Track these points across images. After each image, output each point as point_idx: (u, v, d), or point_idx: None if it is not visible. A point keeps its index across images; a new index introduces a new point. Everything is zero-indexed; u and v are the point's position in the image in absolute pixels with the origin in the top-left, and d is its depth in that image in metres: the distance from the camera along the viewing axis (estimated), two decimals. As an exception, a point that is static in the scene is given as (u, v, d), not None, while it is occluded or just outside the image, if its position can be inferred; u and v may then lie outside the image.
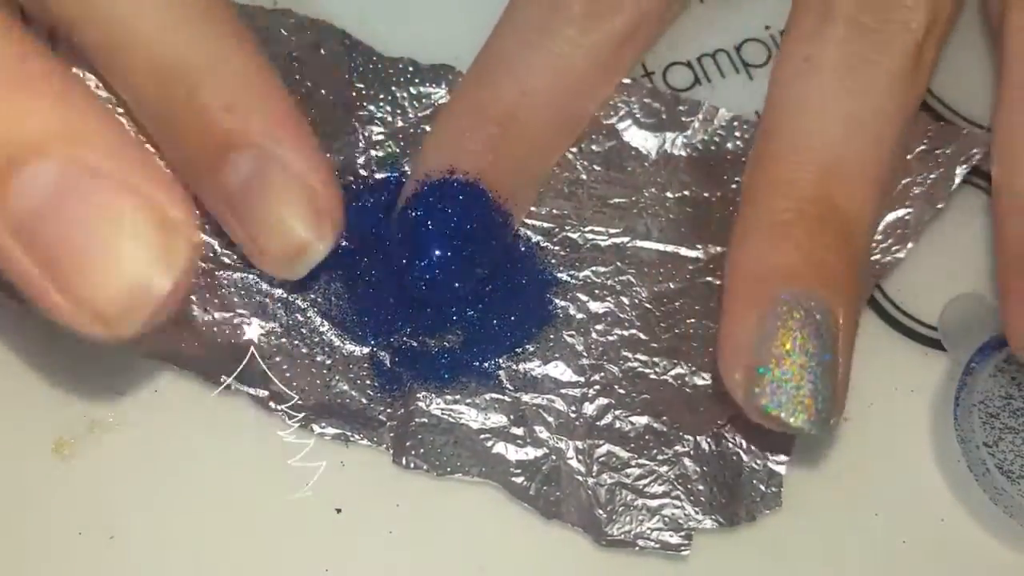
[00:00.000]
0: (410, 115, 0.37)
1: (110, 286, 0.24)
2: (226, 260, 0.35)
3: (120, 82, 0.33)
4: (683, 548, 0.34)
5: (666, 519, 0.34)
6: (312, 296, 0.35)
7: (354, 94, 0.37)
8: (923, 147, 0.37)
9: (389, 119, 0.37)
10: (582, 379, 0.35)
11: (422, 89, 0.37)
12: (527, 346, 0.35)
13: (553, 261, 0.36)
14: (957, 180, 0.36)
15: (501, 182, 0.34)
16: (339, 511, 0.34)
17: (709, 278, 0.36)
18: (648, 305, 0.36)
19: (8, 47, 0.25)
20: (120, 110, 0.34)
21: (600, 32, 0.35)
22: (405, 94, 0.37)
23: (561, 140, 0.37)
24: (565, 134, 0.37)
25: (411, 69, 0.38)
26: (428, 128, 0.37)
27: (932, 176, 0.36)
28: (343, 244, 0.35)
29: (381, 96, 0.37)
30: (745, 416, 0.32)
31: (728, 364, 0.31)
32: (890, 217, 0.36)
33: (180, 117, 0.31)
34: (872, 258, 0.36)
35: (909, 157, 0.37)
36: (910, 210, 0.36)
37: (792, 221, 0.33)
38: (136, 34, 0.31)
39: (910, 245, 0.36)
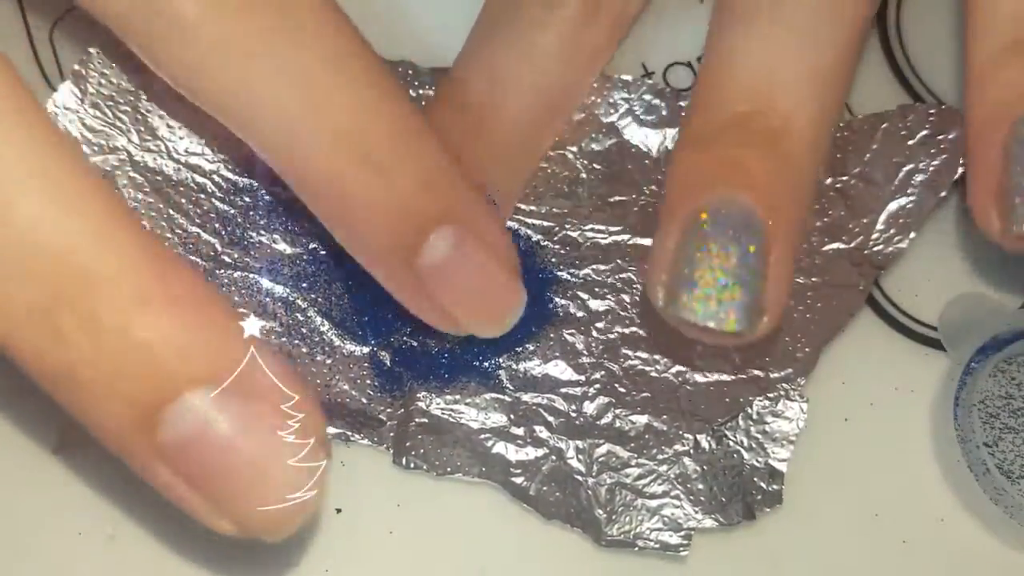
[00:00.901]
0: (410, 115, 0.37)
1: (270, 508, 0.25)
2: (226, 260, 0.35)
3: (298, 173, 0.31)
4: (682, 548, 0.34)
5: (666, 519, 0.34)
6: (312, 296, 0.35)
7: (354, 94, 0.37)
8: (925, 132, 0.37)
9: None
10: (582, 378, 0.35)
11: (421, 92, 0.37)
12: (527, 345, 0.35)
13: (553, 259, 0.36)
14: (961, 168, 0.36)
15: (480, 170, 0.34)
16: (339, 511, 0.34)
17: (709, 276, 0.36)
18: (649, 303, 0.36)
19: (150, 266, 0.25)
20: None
21: (564, 7, 0.35)
22: (405, 95, 0.37)
23: (542, 126, 0.36)
24: (546, 120, 0.36)
25: (410, 72, 0.38)
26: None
27: (935, 163, 0.36)
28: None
29: (381, 97, 0.37)
30: (745, 417, 0.32)
31: (650, 278, 0.31)
32: (892, 206, 0.36)
33: (370, 199, 0.30)
34: (874, 248, 0.36)
35: (911, 143, 0.37)
36: (912, 199, 0.36)
37: (716, 133, 0.32)
38: (318, 123, 0.30)
39: (912, 235, 0.36)
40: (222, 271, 0.35)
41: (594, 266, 0.36)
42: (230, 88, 0.30)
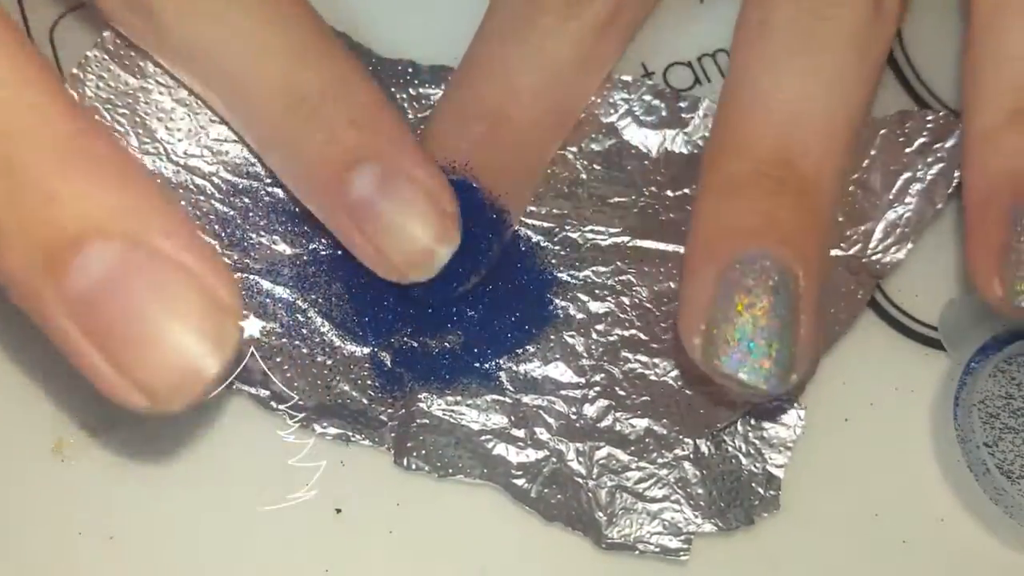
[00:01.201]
0: (409, 116, 0.37)
1: (162, 367, 0.25)
2: (226, 261, 0.35)
3: (240, 109, 0.34)
4: (683, 553, 0.34)
5: (666, 523, 0.34)
6: (313, 296, 0.35)
7: (354, 95, 0.37)
8: (923, 139, 0.37)
9: (389, 120, 0.37)
10: (582, 380, 0.35)
11: (421, 90, 0.37)
12: (527, 347, 0.35)
13: (553, 261, 0.36)
14: (957, 177, 0.36)
15: (493, 180, 0.34)
16: (339, 511, 0.34)
17: (710, 278, 0.36)
18: (649, 305, 0.36)
19: (65, 124, 0.25)
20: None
21: (579, 19, 0.35)
22: (404, 95, 0.37)
23: (552, 134, 0.37)
24: (556, 128, 0.37)
25: (410, 70, 0.38)
26: (427, 129, 0.37)
27: (932, 172, 0.36)
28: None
29: (381, 97, 0.37)
30: (743, 423, 0.32)
31: (686, 326, 0.32)
32: (891, 215, 0.36)
33: (304, 136, 0.32)
34: (872, 258, 0.36)
35: (909, 150, 0.37)
36: (910, 208, 0.36)
37: (748, 181, 0.33)
38: (260, 66, 0.33)
39: (910, 245, 0.36)
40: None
41: (594, 268, 0.36)
42: (191, 48, 0.33)
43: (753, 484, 0.34)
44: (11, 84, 0.25)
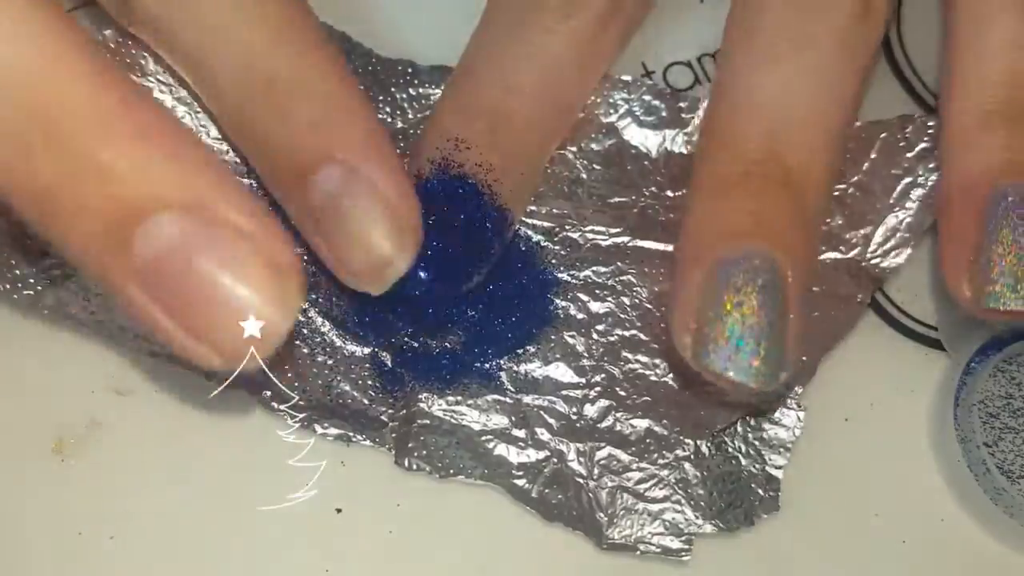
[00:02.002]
0: (409, 116, 0.37)
1: (234, 328, 0.26)
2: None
3: (208, 92, 0.34)
4: (684, 553, 0.34)
5: (667, 523, 0.34)
6: (313, 296, 0.35)
7: (354, 95, 0.37)
8: (924, 144, 0.37)
9: (389, 120, 0.37)
10: (583, 380, 0.35)
11: (421, 90, 0.37)
12: (528, 347, 0.35)
13: (553, 261, 0.36)
14: None
15: (493, 178, 0.34)
16: (339, 511, 0.34)
17: (710, 278, 0.36)
18: (649, 305, 0.36)
19: (110, 95, 0.26)
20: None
21: (576, 17, 0.35)
22: (404, 95, 0.37)
23: (552, 132, 0.36)
24: (555, 126, 0.36)
25: (410, 70, 0.38)
26: (427, 129, 0.37)
27: (933, 177, 0.36)
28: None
29: (380, 97, 0.37)
30: (743, 424, 0.32)
31: (676, 325, 0.32)
32: (891, 220, 0.36)
33: (268, 132, 0.32)
34: (872, 261, 0.36)
35: (910, 155, 0.37)
36: (910, 213, 0.36)
37: (736, 180, 0.33)
38: (228, 45, 0.32)
39: (909, 250, 0.36)
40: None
41: (594, 268, 0.36)
42: (174, 34, 0.33)
43: (753, 485, 0.34)
44: (49, 58, 0.25)
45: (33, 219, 0.26)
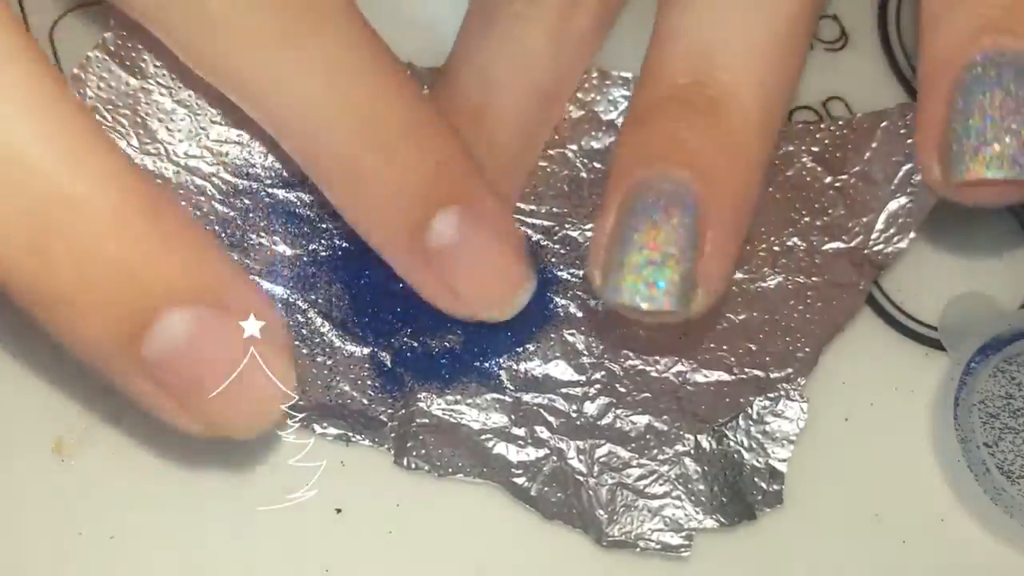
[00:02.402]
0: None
1: (236, 412, 0.27)
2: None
3: (314, 155, 0.32)
4: (684, 549, 0.34)
5: (667, 520, 0.34)
6: (313, 296, 0.35)
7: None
8: None
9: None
10: (583, 378, 0.35)
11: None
12: (527, 345, 0.35)
13: (553, 260, 0.36)
14: None
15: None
16: (339, 511, 0.34)
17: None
18: None
19: (141, 201, 0.26)
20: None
21: (543, 1, 0.35)
22: (405, 95, 0.37)
23: (537, 121, 0.36)
24: (540, 114, 0.36)
25: (409, 72, 0.38)
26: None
27: None
28: (344, 245, 0.35)
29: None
30: (745, 417, 0.32)
31: (591, 260, 0.31)
32: (892, 205, 0.36)
33: (377, 173, 0.32)
34: (874, 249, 0.36)
35: (911, 141, 0.37)
36: (912, 198, 0.36)
37: (656, 106, 0.32)
38: (340, 83, 0.31)
39: (912, 235, 0.36)
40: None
41: (594, 266, 0.36)
42: (254, 75, 0.31)
43: (756, 479, 0.34)
44: (70, 157, 0.25)
45: (41, 316, 0.26)
